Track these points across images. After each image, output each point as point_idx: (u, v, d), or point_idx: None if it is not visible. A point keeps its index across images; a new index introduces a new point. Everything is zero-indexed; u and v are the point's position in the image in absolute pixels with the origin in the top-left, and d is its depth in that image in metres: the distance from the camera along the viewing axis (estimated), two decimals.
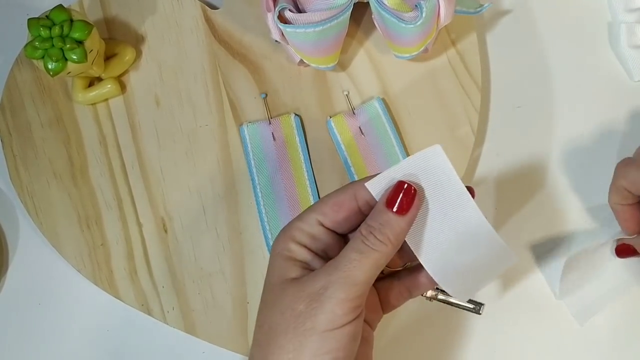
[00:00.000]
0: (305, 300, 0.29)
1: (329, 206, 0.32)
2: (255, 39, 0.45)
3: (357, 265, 0.29)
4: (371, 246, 0.29)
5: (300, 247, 0.31)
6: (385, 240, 0.29)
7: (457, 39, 0.45)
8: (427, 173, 0.30)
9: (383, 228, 0.29)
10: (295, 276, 0.30)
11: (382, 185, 0.31)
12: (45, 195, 0.43)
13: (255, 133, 0.43)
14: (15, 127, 0.44)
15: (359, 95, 0.44)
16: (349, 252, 0.29)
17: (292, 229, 0.32)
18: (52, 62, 0.39)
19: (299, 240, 0.31)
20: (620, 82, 0.46)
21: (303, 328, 0.28)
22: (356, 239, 0.30)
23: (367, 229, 0.30)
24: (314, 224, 0.31)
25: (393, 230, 0.30)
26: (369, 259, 0.29)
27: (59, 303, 0.44)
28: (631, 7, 0.46)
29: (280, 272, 0.31)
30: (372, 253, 0.29)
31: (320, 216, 0.31)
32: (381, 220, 0.30)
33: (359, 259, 0.29)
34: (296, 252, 0.31)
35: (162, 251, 0.42)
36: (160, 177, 0.43)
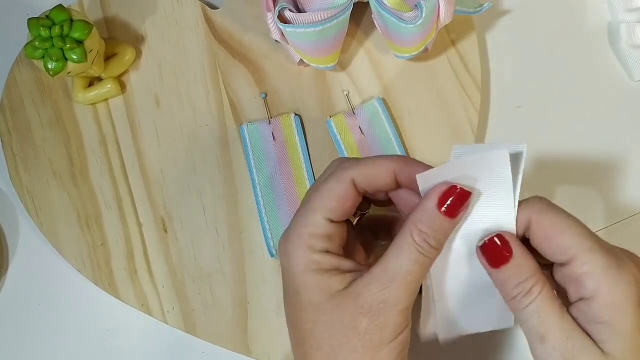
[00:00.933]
0: (366, 316, 0.28)
1: (334, 201, 0.30)
2: (255, 39, 0.45)
3: (415, 277, 0.28)
4: (427, 254, 0.28)
5: (323, 254, 0.29)
6: (439, 247, 0.28)
7: (457, 39, 0.45)
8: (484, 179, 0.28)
9: (437, 234, 0.28)
10: (341, 288, 0.29)
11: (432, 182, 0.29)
12: (45, 195, 0.43)
13: (255, 133, 0.43)
14: (15, 127, 0.44)
15: (359, 95, 0.44)
16: (405, 260, 0.28)
17: (306, 238, 0.30)
18: (52, 62, 0.39)
19: (319, 248, 0.29)
20: (620, 82, 0.46)
21: (371, 344, 0.28)
22: (409, 246, 0.28)
23: (420, 235, 0.28)
24: (324, 225, 0.30)
25: (445, 236, 0.29)
26: (424, 266, 0.28)
27: (59, 303, 0.44)
28: (631, 7, 0.46)
29: (320, 288, 0.29)
30: (427, 261, 0.28)
31: (328, 213, 0.30)
32: (434, 226, 0.28)
33: (418, 269, 0.28)
34: (323, 262, 0.29)
35: (162, 251, 0.42)
36: (160, 177, 0.43)
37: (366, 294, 0.28)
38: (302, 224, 0.30)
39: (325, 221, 0.30)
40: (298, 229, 0.30)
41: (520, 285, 0.28)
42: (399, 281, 0.28)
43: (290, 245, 0.30)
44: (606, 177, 0.44)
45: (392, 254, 0.28)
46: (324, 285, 0.29)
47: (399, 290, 0.28)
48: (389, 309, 0.28)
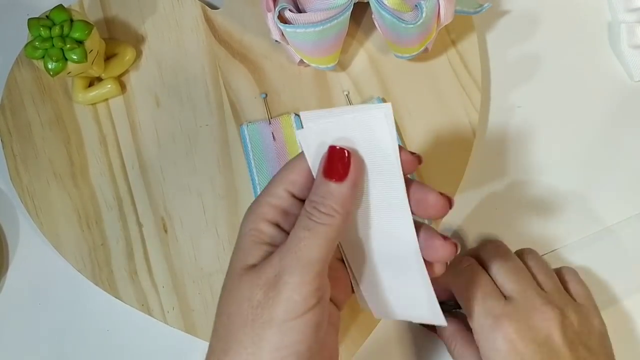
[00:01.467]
0: (262, 288, 0.27)
1: (296, 173, 0.29)
2: (255, 39, 0.45)
3: (307, 243, 0.27)
4: (317, 220, 0.27)
5: (271, 226, 0.29)
6: (331, 212, 0.27)
7: (457, 39, 0.45)
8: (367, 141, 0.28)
9: (325, 200, 0.27)
10: (255, 262, 0.28)
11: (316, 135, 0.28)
12: (45, 195, 0.43)
13: (255, 133, 0.43)
14: (15, 127, 0.44)
15: (359, 95, 0.44)
16: (297, 230, 0.27)
17: (262, 206, 0.29)
18: (52, 62, 0.39)
19: (270, 218, 0.29)
20: (620, 82, 0.46)
21: (261, 320, 0.26)
22: (302, 217, 0.28)
23: (310, 204, 0.28)
24: (284, 196, 0.29)
25: (336, 200, 0.27)
26: (319, 234, 0.27)
27: (59, 303, 0.44)
28: (631, 7, 0.46)
29: (243, 256, 0.29)
30: (320, 227, 0.27)
31: (290, 185, 0.29)
32: (322, 192, 0.28)
33: (308, 236, 0.27)
34: (266, 232, 0.29)
35: (162, 251, 0.42)
36: (160, 177, 0.43)
37: (266, 266, 0.27)
38: (265, 192, 0.30)
39: (286, 193, 0.29)
40: (261, 197, 0.30)
41: None
42: (293, 251, 0.27)
43: (248, 211, 0.30)
44: (606, 176, 0.44)
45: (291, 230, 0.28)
46: (247, 254, 0.28)
47: (292, 260, 0.27)
48: (282, 282, 0.26)
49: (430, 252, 0.29)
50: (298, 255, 0.27)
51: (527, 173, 0.45)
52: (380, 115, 0.27)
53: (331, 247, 0.28)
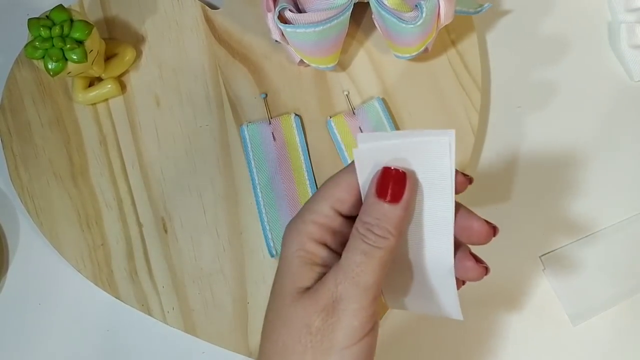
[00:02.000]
0: (320, 314, 0.26)
1: (343, 189, 0.28)
2: (255, 39, 0.45)
3: (364, 268, 0.26)
4: (373, 244, 0.26)
5: (319, 246, 0.28)
6: (386, 234, 0.27)
7: (457, 39, 0.45)
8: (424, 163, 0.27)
9: (380, 222, 0.27)
10: (310, 285, 0.27)
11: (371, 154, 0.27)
12: (45, 195, 0.43)
13: (255, 133, 0.43)
14: (15, 127, 0.44)
15: (359, 95, 0.44)
16: (352, 253, 0.27)
17: (307, 224, 0.28)
18: (52, 62, 0.39)
19: (318, 237, 0.28)
20: (620, 82, 0.46)
21: (322, 348, 0.26)
22: (355, 238, 0.27)
23: (364, 226, 0.27)
24: (331, 214, 0.28)
25: (391, 222, 0.27)
26: (375, 258, 0.26)
27: (59, 303, 0.44)
28: (631, 7, 0.46)
29: (294, 279, 0.28)
30: (376, 252, 0.26)
31: (337, 203, 0.28)
32: (376, 214, 0.27)
33: (365, 261, 0.26)
34: (316, 253, 0.28)
35: (162, 251, 0.42)
36: (160, 177, 0.43)
37: (322, 291, 0.27)
38: (308, 209, 0.28)
39: (332, 211, 0.28)
40: (303, 215, 0.28)
41: None
42: (350, 276, 0.26)
43: (291, 228, 0.28)
44: (606, 176, 0.44)
45: (345, 250, 0.27)
46: (298, 277, 0.27)
47: (351, 286, 0.26)
48: (341, 308, 0.26)
49: (461, 271, 0.29)
50: (356, 280, 0.26)
51: (526, 173, 0.45)
52: (445, 141, 0.26)
53: (385, 270, 0.27)
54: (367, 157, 0.27)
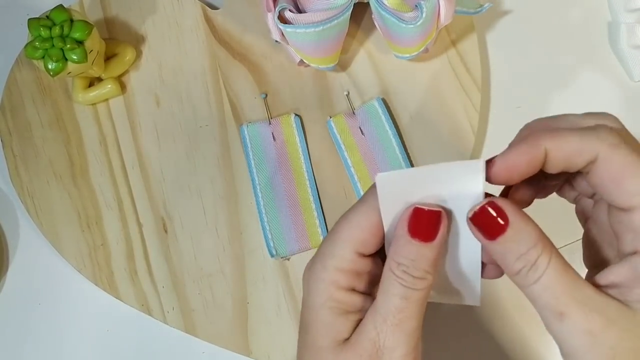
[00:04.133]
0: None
1: (366, 231, 0.26)
2: (255, 39, 0.45)
3: (407, 314, 0.25)
4: (413, 287, 0.25)
5: (346, 292, 0.26)
6: (424, 275, 0.25)
7: (457, 39, 0.45)
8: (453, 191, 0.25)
9: (417, 263, 0.25)
10: (348, 336, 0.26)
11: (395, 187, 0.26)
12: (45, 195, 0.43)
13: (255, 133, 0.43)
14: (15, 127, 0.44)
15: (359, 95, 0.44)
16: (390, 298, 0.25)
17: (330, 272, 0.26)
18: (52, 62, 0.39)
19: (344, 284, 0.26)
20: (620, 82, 0.46)
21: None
22: (391, 281, 0.25)
23: (399, 268, 0.25)
24: (353, 258, 0.26)
25: (428, 261, 0.25)
26: (415, 300, 0.25)
27: (59, 303, 0.44)
28: (631, 7, 0.46)
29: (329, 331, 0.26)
30: (415, 294, 0.25)
31: (360, 246, 0.26)
32: (411, 255, 0.25)
33: (407, 305, 0.25)
34: (345, 301, 0.26)
35: (162, 251, 0.42)
36: (160, 177, 0.43)
37: (362, 341, 0.25)
38: (328, 254, 0.26)
39: (355, 255, 0.26)
40: (324, 260, 0.26)
41: (522, 257, 0.24)
42: (390, 322, 0.25)
43: (313, 276, 0.26)
44: None
45: (379, 292, 0.25)
46: (334, 327, 0.26)
47: (394, 333, 0.25)
48: (386, 356, 0.25)
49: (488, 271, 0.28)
50: (399, 327, 0.25)
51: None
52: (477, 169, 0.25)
53: (424, 309, 0.26)
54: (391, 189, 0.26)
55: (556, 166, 0.25)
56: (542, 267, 0.24)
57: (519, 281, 0.24)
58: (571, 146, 0.25)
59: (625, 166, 0.24)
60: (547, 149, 0.25)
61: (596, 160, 0.24)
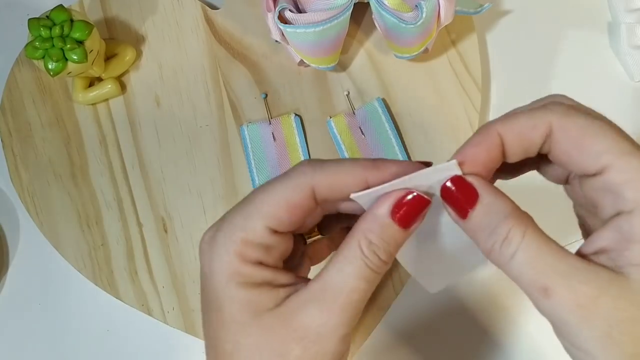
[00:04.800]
0: (299, 343, 0.23)
1: (282, 209, 0.24)
2: (256, 39, 0.45)
3: (360, 295, 0.24)
4: (376, 270, 0.24)
5: (254, 266, 0.24)
6: (389, 259, 0.24)
7: (457, 39, 0.45)
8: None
9: (388, 246, 0.24)
10: (272, 306, 0.24)
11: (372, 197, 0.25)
12: (45, 195, 0.43)
13: (255, 133, 0.43)
14: (16, 127, 0.44)
15: (359, 95, 0.44)
16: (350, 278, 0.24)
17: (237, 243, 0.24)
18: (53, 62, 0.39)
19: (250, 258, 0.24)
20: (620, 82, 0.46)
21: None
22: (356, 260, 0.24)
23: (370, 248, 0.24)
24: (265, 233, 0.24)
25: (397, 247, 0.25)
26: (372, 284, 0.24)
27: (59, 303, 0.44)
28: (631, 7, 0.46)
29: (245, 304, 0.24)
30: (374, 277, 0.24)
31: (273, 222, 0.24)
32: (386, 236, 0.24)
33: (365, 288, 0.24)
34: (253, 275, 0.24)
35: (162, 251, 0.42)
36: (160, 177, 0.43)
37: (301, 316, 0.24)
38: (237, 225, 0.25)
39: (267, 230, 0.24)
40: (230, 230, 0.25)
41: (493, 232, 0.23)
42: (341, 302, 0.23)
43: (216, 247, 0.25)
44: None
45: (334, 268, 0.24)
46: (251, 301, 0.24)
47: (342, 312, 0.23)
48: (327, 336, 0.23)
49: None
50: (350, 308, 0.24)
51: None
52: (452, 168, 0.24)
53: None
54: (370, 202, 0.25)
55: (515, 151, 0.24)
56: (516, 241, 0.22)
57: (496, 260, 0.23)
58: (522, 123, 0.24)
59: (582, 129, 0.23)
60: (500, 132, 0.24)
61: (552, 132, 0.23)
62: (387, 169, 0.25)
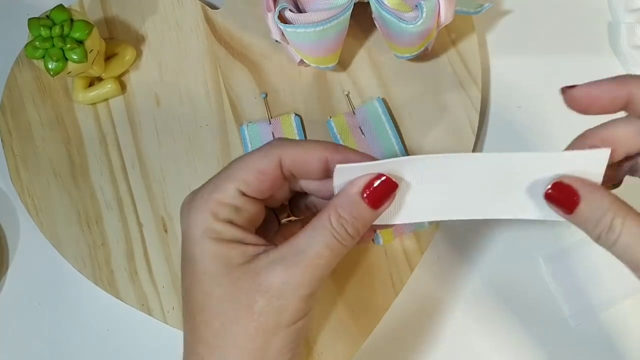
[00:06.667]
0: (263, 296, 0.26)
1: (252, 174, 0.28)
2: (256, 39, 0.45)
3: (326, 261, 0.27)
4: (342, 242, 0.27)
5: (225, 224, 0.27)
6: (356, 235, 0.27)
7: (457, 39, 0.45)
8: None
9: (356, 222, 0.27)
10: (241, 261, 0.27)
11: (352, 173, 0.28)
12: (45, 195, 0.43)
13: (255, 133, 0.43)
14: (16, 127, 0.44)
15: (359, 95, 0.44)
16: (317, 244, 0.26)
17: (211, 203, 0.27)
18: (53, 62, 0.39)
19: (222, 217, 0.27)
20: None
21: (265, 327, 0.26)
22: (324, 229, 0.27)
23: (339, 221, 0.27)
24: (235, 195, 0.28)
25: (365, 225, 0.27)
26: (337, 255, 0.27)
27: (59, 303, 0.44)
28: (631, 7, 0.46)
29: (216, 258, 0.27)
30: (341, 249, 0.27)
31: (243, 185, 0.28)
32: (355, 212, 0.27)
33: (328, 255, 0.27)
34: (223, 232, 0.27)
35: (162, 251, 0.42)
36: (161, 177, 0.43)
37: (267, 272, 0.26)
38: (211, 188, 0.28)
39: (237, 192, 0.28)
40: (206, 193, 0.28)
41: (599, 223, 0.26)
42: (305, 264, 0.26)
43: (193, 208, 0.28)
44: None
45: (304, 234, 0.27)
46: (221, 255, 0.27)
47: (305, 273, 0.26)
48: (289, 292, 0.26)
49: None
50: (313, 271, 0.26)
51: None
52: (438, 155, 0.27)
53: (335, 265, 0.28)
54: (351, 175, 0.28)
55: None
56: (618, 228, 0.26)
57: (603, 245, 0.26)
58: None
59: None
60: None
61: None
62: (345, 153, 0.28)
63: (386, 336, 0.42)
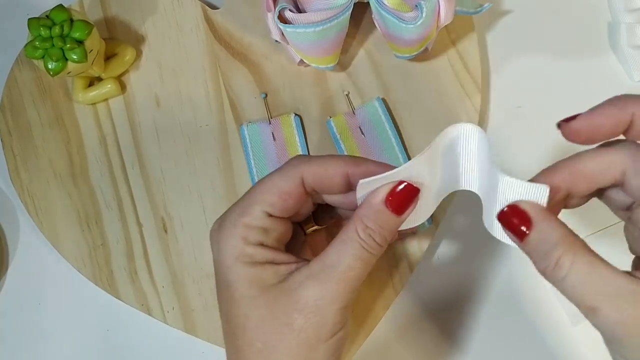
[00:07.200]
0: (301, 313, 0.27)
1: (276, 196, 0.29)
2: (256, 39, 0.45)
3: (357, 273, 0.27)
4: (371, 251, 0.27)
5: (256, 247, 0.28)
6: (384, 243, 0.28)
7: (457, 39, 0.45)
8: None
9: (383, 230, 0.28)
10: (275, 281, 0.28)
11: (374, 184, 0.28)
12: (45, 195, 0.43)
13: (255, 133, 0.43)
14: (16, 127, 0.44)
15: (359, 95, 0.44)
16: (347, 257, 0.27)
17: (240, 228, 0.28)
18: (52, 62, 0.39)
19: (252, 240, 0.28)
20: (620, 82, 0.46)
21: (307, 343, 0.27)
22: (352, 242, 0.27)
23: (366, 231, 0.27)
24: (262, 217, 0.29)
25: (392, 231, 0.28)
26: (368, 265, 0.27)
27: (59, 303, 0.44)
28: (631, 7, 0.46)
29: (251, 281, 0.28)
30: (371, 259, 0.28)
31: (268, 207, 0.29)
32: (380, 221, 0.28)
33: (360, 266, 0.27)
34: (255, 255, 0.28)
35: (162, 251, 0.42)
36: (160, 177, 0.43)
37: (302, 290, 0.27)
38: (238, 213, 0.29)
39: (263, 214, 0.29)
40: (233, 218, 0.29)
41: (546, 257, 0.25)
42: (338, 277, 0.27)
43: (223, 234, 0.29)
44: None
45: (333, 249, 0.27)
46: (256, 278, 0.28)
47: (338, 287, 0.27)
48: (325, 307, 0.27)
49: None
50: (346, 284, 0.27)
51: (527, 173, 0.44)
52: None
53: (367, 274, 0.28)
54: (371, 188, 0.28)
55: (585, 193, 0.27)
56: (566, 266, 0.24)
57: (548, 279, 0.25)
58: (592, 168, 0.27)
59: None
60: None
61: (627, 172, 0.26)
62: (365, 166, 0.29)
63: (386, 336, 0.42)
